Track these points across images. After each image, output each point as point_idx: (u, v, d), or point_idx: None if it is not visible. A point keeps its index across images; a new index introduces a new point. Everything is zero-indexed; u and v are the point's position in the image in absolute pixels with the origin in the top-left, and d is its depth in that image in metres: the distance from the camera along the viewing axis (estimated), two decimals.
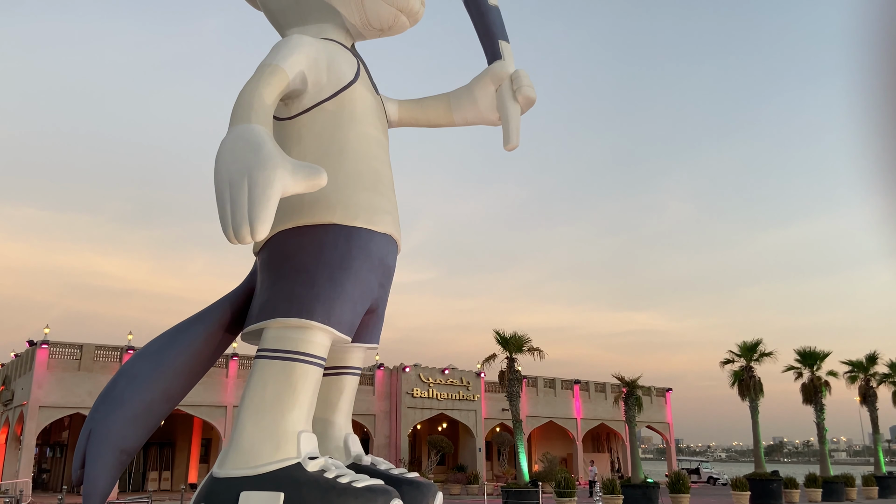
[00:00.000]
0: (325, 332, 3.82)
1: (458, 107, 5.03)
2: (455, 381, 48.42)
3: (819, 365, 47.19)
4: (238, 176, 3.11)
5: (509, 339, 43.48)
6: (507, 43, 5.04)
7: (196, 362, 4.09)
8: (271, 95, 3.65)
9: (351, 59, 4.42)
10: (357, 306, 4.01)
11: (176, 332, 4.12)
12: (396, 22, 4.58)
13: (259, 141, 3.22)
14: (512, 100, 4.82)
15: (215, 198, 3.17)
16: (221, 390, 38.45)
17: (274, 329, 3.82)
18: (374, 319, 4.39)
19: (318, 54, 4.12)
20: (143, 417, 3.89)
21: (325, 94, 4.18)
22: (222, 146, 3.26)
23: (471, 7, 5.14)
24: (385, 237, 4.19)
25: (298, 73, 3.93)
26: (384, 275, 4.27)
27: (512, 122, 4.77)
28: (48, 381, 34.76)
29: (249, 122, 3.37)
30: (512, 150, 4.78)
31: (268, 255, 4.07)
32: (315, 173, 3.28)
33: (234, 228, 3.08)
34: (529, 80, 4.84)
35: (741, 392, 47.01)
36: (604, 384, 55.45)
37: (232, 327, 4.20)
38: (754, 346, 47.03)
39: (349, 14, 4.48)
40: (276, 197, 3.12)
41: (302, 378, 3.72)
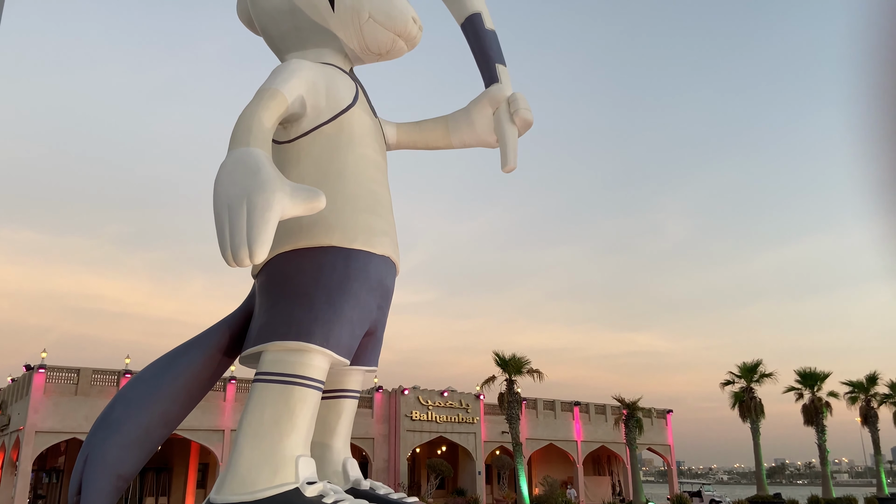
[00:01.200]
0: (324, 355, 3.81)
1: (455, 129, 5.07)
2: (454, 404, 48.14)
3: (819, 386, 47.06)
4: (237, 199, 3.13)
5: (508, 361, 43.42)
6: (504, 66, 5.09)
7: (194, 386, 4.07)
8: (270, 119, 3.67)
9: (349, 83, 4.46)
10: (356, 329, 4.00)
11: (173, 355, 4.10)
12: (394, 46, 4.62)
13: (258, 164, 3.24)
14: (509, 122, 4.85)
15: (214, 221, 3.18)
16: (219, 414, 38.18)
17: (272, 352, 3.81)
18: (373, 342, 4.38)
19: (316, 78, 4.15)
20: (140, 442, 3.86)
21: (323, 118, 4.21)
22: (221, 170, 3.27)
23: (468, 31, 5.19)
24: (383, 259, 4.20)
25: (297, 96, 3.96)
26: (383, 297, 4.26)
27: (509, 145, 4.80)
28: (45, 406, 34.51)
29: (248, 145, 3.39)
30: (510, 172, 4.80)
31: (266, 278, 4.07)
32: (313, 196, 3.30)
33: (233, 251, 3.08)
34: (526, 103, 4.87)
35: (742, 413, 46.82)
36: (604, 406, 55.15)
37: (230, 350, 4.19)
38: (754, 367, 46.95)
39: (347, 39, 4.53)
40: (274, 220, 3.13)
41: (300, 402, 3.70)
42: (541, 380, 43.62)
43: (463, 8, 5.20)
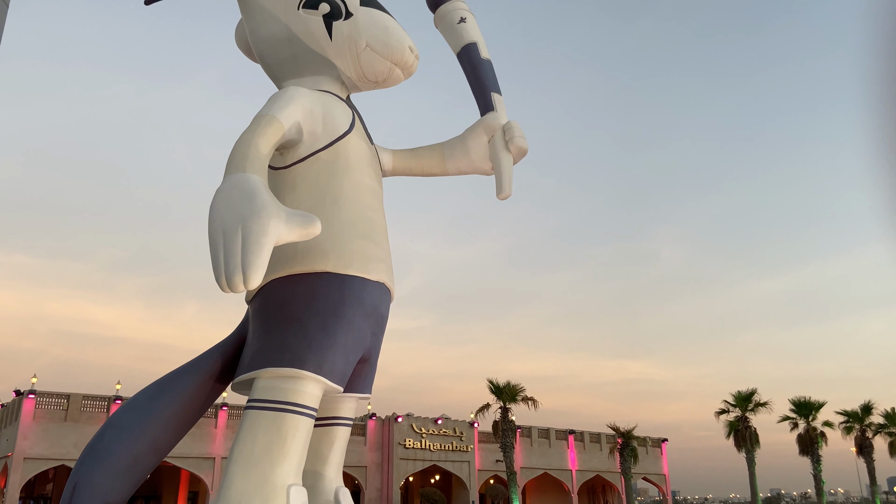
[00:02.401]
0: (317, 382, 3.78)
1: (451, 156, 5.10)
2: (448, 432, 47.75)
3: (814, 415, 46.89)
4: (232, 225, 3.12)
5: (503, 389, 43.15)
6: (500, 95, 5.14)
7: (185, 413, 4.03)
8: (267, 145, 3.68)
9: (346, 110, 4.49)
10: (349, 355, 3.97)
11: (165, 382, 4.06)
12: (391, 75, 4.66)
13: (254, 190, 3.24)
14: (504, 150, 4.88)
15: (209, 246, 3.17)
16: (210, 441, 37.75)
17: (265, 379, 3.77)
18: (367, 368, 4.35)
19: (313, 105, 4.18)
20: (129, 471, 3.80)
21: (320, 144, 4.23)
22: (217, 195, 3.27)
23: (464, 61, 5.25)
24: (378, 285, 4.19)
25: (294, 123, 3.98)
26: (377, 323, 4.24)
27: (504, 172, 4.83)
28: (34, 432, 34.10)
29: (244, 171, 3.40)
30: (505, 199, 4.82)
31: (260, 304, 4.05)
32: (309, 222, 3.30)
33: (227, 277, 3.07)
34: (521, 132, 4.91)
35: (737, 443, 46.52)
36: (599, 434, 54.76)
37: (222, 377, 4.15)
38: (749, 395, 46.78)
39: (345, 67, 4.56)
40: (269, 246, 3.12)
41: (293, 429, 3.66)
42: (535, 408, 43.36)
43: (459, 38, 5.27)
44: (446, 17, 5.36)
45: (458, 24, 5.29)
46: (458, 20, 5.30)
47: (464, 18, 5.30)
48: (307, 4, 4.44)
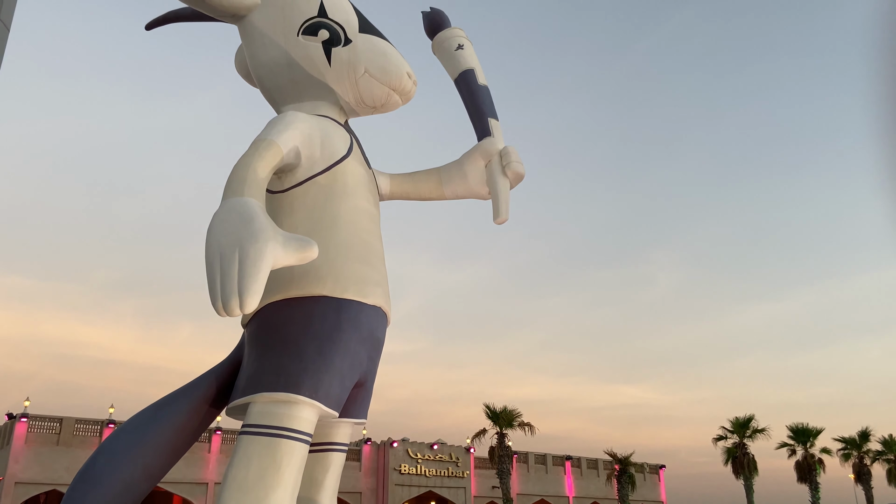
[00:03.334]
0: (313, 407, 3.75)
1: (448, 181, 5.12)
2: (444, 457, 47.35)
3: (812, 442, 46.65)
4: (229, 248, 3.12)
5: (499, 414, 42.94)
6: (497, 121, 5.18)
7: (179, 439, 3.99)
8: (265, 169, 3.70)
9: (344, 134, 4.52)
10: (345, 380, 3.95)
11: (159, 406, 4.03)
12: (389, 100, 4.70)
13: (251, 214, 3.25)
14: (501, 175, 4.91)
15: (205, 269, 3.17)
16: (203, 466, 37.36)
17: (260, 404, 3.74)
18: (363, 393, 4.33)
19: (311, 130, 4.20)
20: (121, 497, 3.75)
21: (318, 168, 4.25)
22: (214, 218, 3.28)
23: (461, 86, 5.30)
24: (375, 309, 4.18)
25: (292, 147, 4.00)
26: (373, 347, 4.23)
27: (501, 197, 4.85)
28: (25, 456, 33.75)
29: (242, 195, 3.40)
30: (501, 223, 4.84)
31: (256, 328, 4.04)
32: (306, 246, 3.30)
33: (223, 300, 3.06)
34: (518, 156, 4.94)
35: (735, 470, 46.20)
36: (596, 461, 54.33)
37: (217, 401, 4.12)
38: (747, 422, 46.56)
39: (343, 92, 4.60)
40: (266, 270, 3.12)
41: (287, 455, 3.62)
42: (532, 433, 43.10)
43: (457, 64, 5.33)
44: (444, 44, 5.42)
45: (456, 50, 5.35)
46: (455, 47, 5.36)
47: (461, 45, 5.36)
48: (307, 31, 4.49)
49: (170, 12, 5.42)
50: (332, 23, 4.52)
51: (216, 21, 4.89)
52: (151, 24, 5.48)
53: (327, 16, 4.53)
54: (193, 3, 4.51)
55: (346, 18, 4.59)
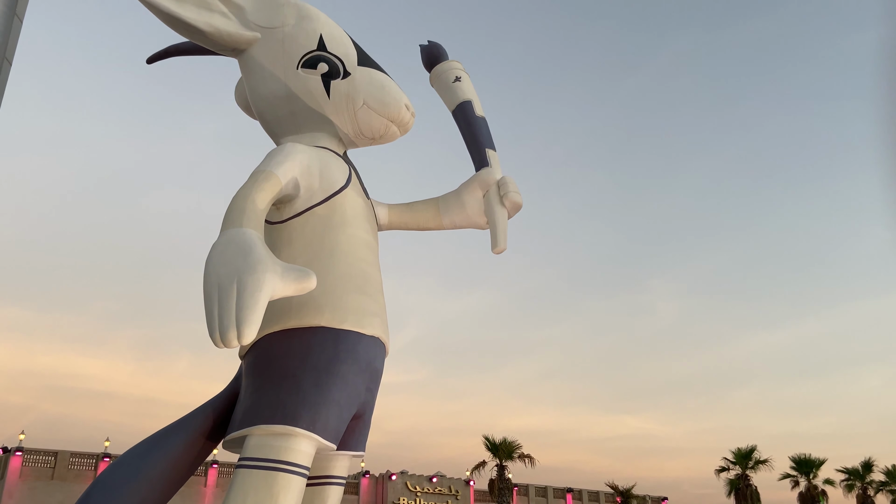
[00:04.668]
0: (310, 440, 3.71)
1: (446, 211, 5.14)
2: (444, 490, 46.73)
3: (815, 473, 46.17)
4: (227, 279, 3.12)
5: (499, 446, 42.52)
6: (494, 151, 5.22)
7: (175, 472, 3.94)
8: (264, 200, 3.71)
9: (343, 165, 4.54)
10: (343, 412, 3.91)
11: (155, 439, 3.99)
12: (387, 132, 4.75)
13: (250, 245, 3.25)
14: (499, 204, 4.93)
15: (204, 300, 3.16)
16: (199, 500, 36.85)
17: (257, 436, 3.70)
18: (361, 425, 4.29)
19: (310, 161, 4.23)
20: None
21: (316, 199, 4.27)
22: (213, 249, 3.28)
23: (458, 118, 5.36)
24: (373, 340, 4.16)
25: (291, 179, 4.03)
26: (371, 378, 4.20)
27: (499, 226, 4.87)
28: (20, 491, 33.31)
29: (241, 226, 3.41)
30: (500, 253, 4.85)
31: (254, 359, 4.01)
32: (304, 276, 3.30)
33: (221, 332, 3.04)
34: (516, 186, 4.98)
35: (738, 501, 45.63)
36: (597, 493, 53.63)
37: (213, 434, 4.08)
38: (749, 452, 46.13)
39: (342, 124, 4.64)
40: (264, 301, 3.11)
41: (284, 489, 3.57)
42: (532, 465, 42.66)
43: (454, 96, 5.39)
44: (442, 76, 5.49)
45: (454, 83, 5.42)
46: (453, 79, 5.42)
47: (459, 78, 5.43)
48: (306, 64, 4.55)
49: (171, 46, 5.49)
50: (331, 56, 4.58)
51: (217, 54, 4.95)
52: (153, 58, 5.55)
53: (326, 49, 4.59)
54: (195, 38, 4.57)
55: (345, 52, 4.65)
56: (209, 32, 4.46)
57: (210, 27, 4.45)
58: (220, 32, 4.49)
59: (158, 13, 4.36)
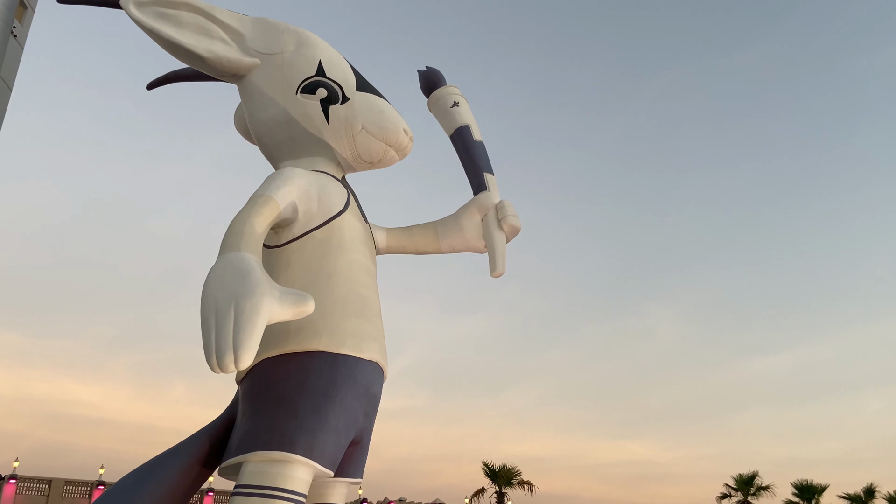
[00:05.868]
0: (307, 467, 3.67)
1: (444, 235, 5.14)
2: None
3: (817, 499, 45.74)
4: (224, 303, 3.10)
5: (498, 472, 42.12)
6: (492, 175, 5.24)
7: (170, 500, 3.88)
8: (262, 225, 3.71)
9: (341, 189, 4.55)
10: (341, 438, 3.87)
11: (150, 467, 3.94)
12: (386, 156, 4.76)
13: (247, 269, 3.24)
14: (497, 228, 4.94)
15: (200, 324, 3.14)
16: None
17: (253, 463, 3.66)
18: (359, 451, 4.24)
19: (309, 186, 4.24)
20: None
21: (315, 223, 4.27)
22: (211, 273, 3.27)
23: (457, 142, 5.38)
24: (371, 364, 4.13)
25: (290, 203, 4.03)
26: (369, 404, 4.16)
27: (498, 250, 4.87)
28: None
29: (239, 250, 3.40)
30: (498, 276, 4.84)
31: (250, 384, 3.98)
32: (302, 300, 3.28)
33: (218, 356, 3.02)
34: (514, 210, 4.98)
35: None
36: None
37: (209, 461, 4.03)
38: (750, 479, 45.71)
39: (341, 148, 4.66)
40: (261, 325, 3.09)
41: None
42: (532, 492, 42.22)
43: (452, 121, 5.42)
44: (440, 101, 5.53)
45: (452, 107, 5.45)
46: (451, 104, 5.46)
47: (457, 103, 5.47)
48: (305, 89, 4.58)
49: (171, 72, 5.53)
50: (330, 81, 4.61)
51: (216, 80, 4.99)
52: (153, 84, 5.59)
53: (325, 75, 4.62)
54: (195, 64, 4.60)
55: (343, 77, 4.68)
56: (209, 59, 4.50)
57: (210, 53, 4.48)
58: (220, 59, 4.52)
59: (159, 40, 4.40)
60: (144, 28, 4.37)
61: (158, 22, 4.38)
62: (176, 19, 4.43)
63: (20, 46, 5.69)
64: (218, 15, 4.57)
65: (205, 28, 4.51)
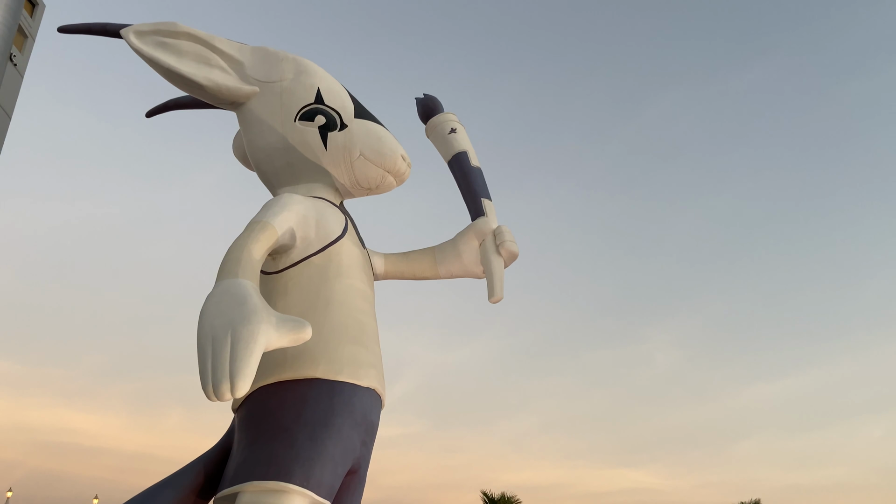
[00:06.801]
0: (304, 497, 3.61)
1: (442, 260, 5.15)
2: None
3: None
4: (221, 330, 3.08)
5: (498, 501, 41.66)
6: (490, 201, 5.25)
7: None
8: (260, 251, 3.70)
9: (339, 215, 4.56)
10: (338, 467, 3.82)
11: (143, 497, 3.88)
12: (384, 182, 4.78)
13: (245, 295, 3.22)
14: (495, 254, 4.94)
15: (197, 352, 3.12)
16: None
17: (249, 494, 3.60)
18: (356, 481, 4.18)
19: (307, 212, 4.25)
20: None
21: (313, 249, 4.27)
22: (208, 300, 3.25)
23: (454, 168, 5.41)
24: (369, 392, 4.10)
25: (288, 229, 4.03)
26: (367, 432, 4.12)
27: (496, 276, 4.87)
28: None
29: (236, 276, 3.39)
30: (496, 302, 4.83)
31: (247, 413, 3.94)
32: (299, 327, 3.26)
33: (214, 384, 2.99)
34: (512, 236, 5.00)
35: None
36: None
37: (205, 492, 3.97)
38: None
39: (339, 175, 4.68)
40: (258, 352, 3.07)
41: None
42: None
43: (450, 148, 5.46)
44: (437, 128, 5.57)
45: (449, 134, 5.49)
46: (448, 131, 5.50)
47: (454, 129, 5.51)
48: (304, 117, 4.61)
49: (170, 100, 5.57)
50: (328, 109, 4.65)
51: (215, 108, 5.02)
52: (152, 112, 5.62)
53: (324, 102, 4.66)
54: (194, 93, 4.63)
55: (341, 104, 4.72)
56: (208, 87, 4.53)
57: (209, 82, 4.52)
58: (219, 87, 4.56)
59: (159, 68, 4.43)
60: (144, 57, 4.41)
61: (158, 51, 4.42)
62: (176, 48, 4.47)
63: (20, 75, 5.75)
64: (217, 44, 4.62)
65: (204, 57, 4.55)
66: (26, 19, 7.73)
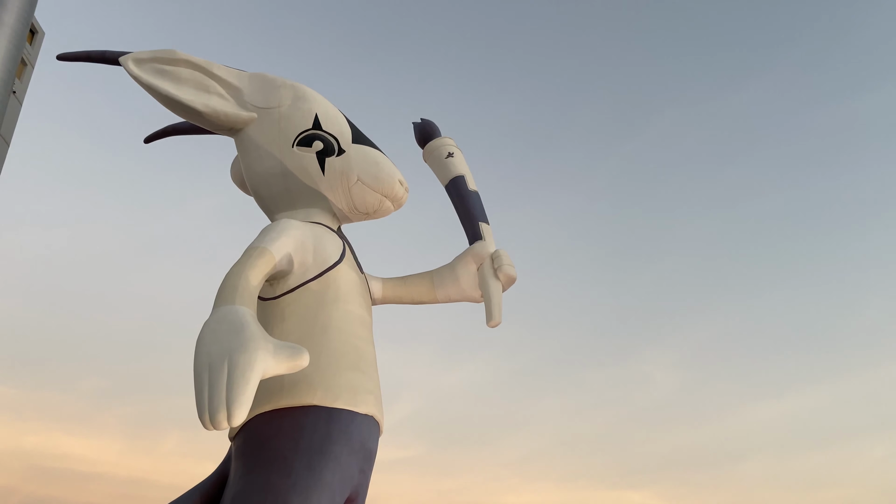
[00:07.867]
0: None
1: (440, 284, 5.14)
2: None
3: None
4: (218, 358, 3.05)
5: None
6: (487, 224, 5.26)
7: None
8: (257, 277, 3.69)
9: (337, 241, 4.55)
10: (336, 496, 3.78)
11: None
12: (381, 207, 4.79)
13: (242, 323, 3.20)
14: (493, 278, 4.93)
15: (193, 380, 3.09)
16: None
17: None
18: None
19: (305, 237, 4.24)
20: None
21: (310, 275, 4.25)
22: (205, 328, 3.23)
23: (452, 192, 5.41)
24: (367, 419, 4.07)
25: (285, 255, 4.02)
26: (365, 459, 4.08)
27: (494, 300, 4.85)
28: None
29: (233, 303, 3.37)
30: (494, 326, 4.82)
31: (243, 441, 3.90)
32: (297, 354, 3.24)
33: (211, 413, 2.96)
34: (510, 259, 4.99)
35: None
36: None
37: None
38: None
39: (336, 200, 4.68)
40: (255, 380, 3.04)
41: None
42: None
43: (447, 172, 5.47)
44: (434, 152, 5.58)
45: (446, 158, 5.50)
46: (445, 155, 5.51)
47: (451, 154, 5.52)
48: (302, 142, 4.62)
49: (168, 126, 5.59)
50: (326, 134, 4.66)
51: (213, 134, 5.03)
52: (150, 138, 5.63)
53: (321, 128, 4.67)
54: (193, 119, 4.65)
55: (339, 130, 4.74)
56: (207, 113, 4.55)
57: (208, 108, 4.53)
58: (217, 113, 4.58)
59: (157, 95, 4.45)
60: (143, 84, 4.43)
61: (157, 78, 4.44)
62: (174, 75, 4.50)
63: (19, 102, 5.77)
64: (216, 70, 4.65)
65: (203, 84, 4.58)
66: (25, 47, 7.81)
